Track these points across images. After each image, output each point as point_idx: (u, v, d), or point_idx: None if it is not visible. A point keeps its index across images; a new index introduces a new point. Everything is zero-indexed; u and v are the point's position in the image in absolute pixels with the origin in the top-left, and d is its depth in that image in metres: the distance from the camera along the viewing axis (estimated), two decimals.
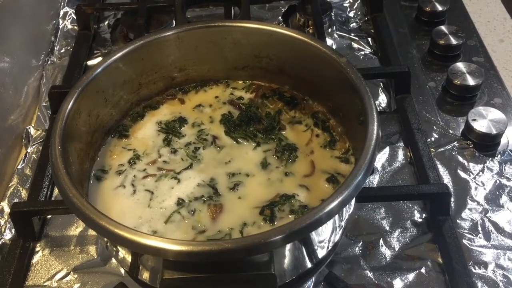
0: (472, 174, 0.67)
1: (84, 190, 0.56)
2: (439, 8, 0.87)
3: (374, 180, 0.67)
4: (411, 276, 0.58)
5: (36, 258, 0.61)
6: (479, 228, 0.61)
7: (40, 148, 0.73)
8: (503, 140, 0.70)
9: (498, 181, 0.66)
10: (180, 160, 0.60)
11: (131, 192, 0.57)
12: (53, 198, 0.68)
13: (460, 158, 0.68)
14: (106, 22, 0.93)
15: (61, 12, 0.93)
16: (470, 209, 0.63)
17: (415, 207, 0.64)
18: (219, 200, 0.56)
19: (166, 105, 0.67)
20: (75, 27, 0.91)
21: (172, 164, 0.60)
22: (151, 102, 0.67)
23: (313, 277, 0.57)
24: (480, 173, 0.67)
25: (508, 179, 0.66)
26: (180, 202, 0.56)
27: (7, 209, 0.66)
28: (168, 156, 0.61)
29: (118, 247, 0.52)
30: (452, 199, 0.63)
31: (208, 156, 0.60)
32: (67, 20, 0.93)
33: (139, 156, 0.61)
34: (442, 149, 0.70)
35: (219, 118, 0.64)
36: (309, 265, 0.54)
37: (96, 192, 0.57)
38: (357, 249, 0.60)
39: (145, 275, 0.52)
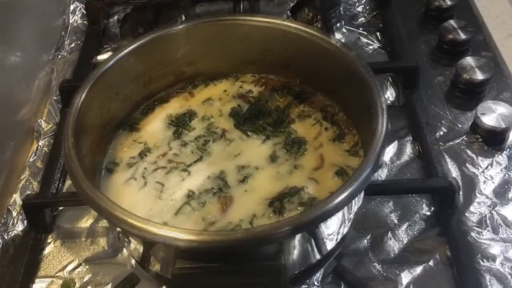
0: (481, 168, 0.67)
1: (96, 182, 0.57)
2: (448, 2, 0.86)
3: (383, 173, 0.67)
4: (419, 269, 0.58)
5: (48, 250, 0.62)
6: (487, 222, 0.61)
7: (51, 141, 0.73)
8: (511, 134, 0.70)
9: (506, 175, 0.66)
10: (190, 153, 0.61)
11: (142, 185, 0.58)
12: (64, 191, 0.68)
13: (469, 152, 0.68)
14: (116, 17, 0.93)
15: (71, 7, 0.94)
16: (479, 203, 0.63)
17: (423, 200, 0.64)
18: (229, 192, 0.56)
19: (176, 98, 0.67)
20: (85, 22, 0.92)
21: (182, 157, 0.60)
22: (161, 95, 0.67)
23: (322, 269, 0.58)
24: (489, 167, 0.67)
25: None
26: (190, 194, 0.56)
27: (19, 201, 0.67)
28: (178, 149, 0.61)
29: (129, 237, 0.52)
30: (461, 193, 0.63)
31: (218, 149, 0.61)
32: (77, 15, 0.93)
33: (150, 149, 0.61)
34: (450, 143, 0.70)
35: (228, 112, 0.65)
36: (318, 256, 0.54)
37: (108, 184, 0.58)
38: (365, 241, 0.61)
39: (156, 266, 0.53)
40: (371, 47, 0.85)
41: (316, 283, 0.57)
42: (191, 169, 0.59)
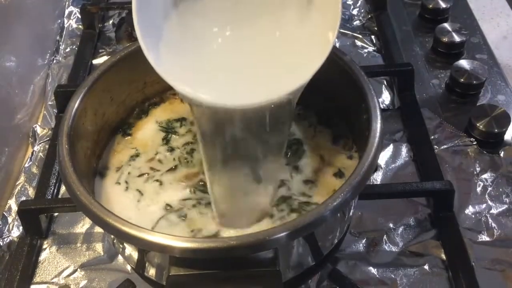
0: (476, 171, 0.67)
1: (91, 187, 0.57)
2: (443, 5, 0.87)
3: (378, 177, 0.68)
4: (414, 273, 0.58)
5: (43, 255, 0.62)
6: (483, 225, 0.62)
7: (47, 146, 0.73)
8: (506, 138, 0.70)
9: (501, 178, 0.66)
10: (177, 159, 0.61)
11: (124, 189, 0.58)
12: (59, 196, 0.68)
13: (464, 155, 0.69)
14: (111, 21, 0.93)
15: (66, 12, 0.94)
16: (474, 206, 0.63)
17: (419, 204, 0.64)
18: None
19: (169, 102, 0.67)
20: (80, 26, 0.92)
21: (167, 163, 0.60)
22: (155, 100, 0.67)
23: (318, 274, 0.58)
24: (484, 170, 0.67)
25: None
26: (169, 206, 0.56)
27: (14, 207, 0.67)
28: (164, 155, 0.61)
29: (124, 244, 0.52)
30: (456, 196, 0.63)
31: None
32: (72, 19, 0.93)
33: (139, 154, 0.61)
34: (445, 146, 0.70)
35: None
36: (313, 261, 0.54)
37: (100, 188, 0.58)
38: (361, 245, 0.61)
39: (152, 272, 0.53)
40: (366, 50, 0.85)
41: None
42: (174, 176, 0.59)
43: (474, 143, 0.70)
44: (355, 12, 0.91)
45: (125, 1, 0.93)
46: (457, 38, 0.81)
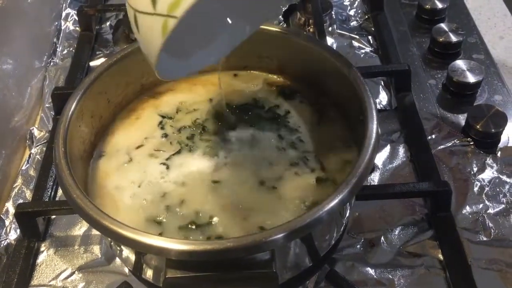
0: (473, 171, 0.67)
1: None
2: (439, 5, 0.87)
3: (375, 178, 0.68)
4: (412, 273, 0.58)
5: (41, 258, 0.62)
6: (480, 225, 0.62)
7: (44, 149, 0.73)
8: (503, 137, 0.70)
9: (498, 178, 0.66)
10: (175, 144, 0.61)
11: (123, 165, 0.58)
12: (57, 199, 0.68)
13: (461, 155, 0.69)
14: (108, 23, 0.93)
15: (63, 14, 0.94)
16: (471, 206, 0.64)
17: (416, 204, 0.64)
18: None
19: (167, 94, 0.67)
20: (77, 29, 0.92)
21: (166, 147, 0.61)
22: (152, 94, 0.67)
23: (315, 275, 0.58)
24: (481, 170, 0.67)
25: (509, 176, 0.66)
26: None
27: (12, 210, 0.67)
28: (163, 141, 0.61)
29: (121, 246, 0.52)
30: (453, 196, 0.63)
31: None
32: (69, 22, 0.93)
33: (137, 141, 0.61)
34: (442, 146, 0.70)
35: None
36: (310, 262, 0.54)
37: (96, 167, 0.59)
38: (358, 246, 0.61)
39: (149, 274, 0.53)
40: (363, 50, 0.85)
41: None
42: (174, 161, 0.59)
43: (471, 143, 0.70)
44: (352, 12, 0.91)
45: (122, 3, 0.93)
46: (454, 38, 0.81)
